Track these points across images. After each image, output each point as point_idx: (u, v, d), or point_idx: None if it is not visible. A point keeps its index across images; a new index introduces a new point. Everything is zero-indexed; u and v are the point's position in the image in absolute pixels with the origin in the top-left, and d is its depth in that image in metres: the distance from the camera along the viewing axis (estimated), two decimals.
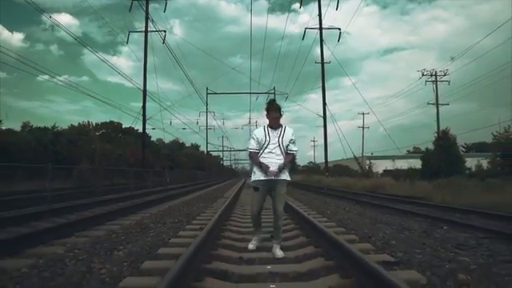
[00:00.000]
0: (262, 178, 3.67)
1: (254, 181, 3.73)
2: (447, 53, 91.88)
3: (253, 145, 3.75)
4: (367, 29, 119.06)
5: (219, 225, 5.09)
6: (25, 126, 39.96)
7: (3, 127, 33.27)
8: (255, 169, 3.75)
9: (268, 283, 2.71)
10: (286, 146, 3.73)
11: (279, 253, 3.58)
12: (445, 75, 35.83)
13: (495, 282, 2.61)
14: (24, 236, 4.27)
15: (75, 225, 5.40)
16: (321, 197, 14.09)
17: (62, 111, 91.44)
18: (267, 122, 3.81)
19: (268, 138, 3.69)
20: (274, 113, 3.72)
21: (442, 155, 26.88)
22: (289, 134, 3.74)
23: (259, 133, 3.77)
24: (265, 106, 3.83)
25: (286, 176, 3.73)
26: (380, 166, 41.52)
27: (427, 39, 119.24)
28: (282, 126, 3.77)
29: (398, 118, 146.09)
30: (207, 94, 43.81)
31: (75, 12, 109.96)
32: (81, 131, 42.07)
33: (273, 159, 3.66)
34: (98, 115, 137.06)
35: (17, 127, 35.62)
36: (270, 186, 3.70)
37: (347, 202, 11.77)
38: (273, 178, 3.63)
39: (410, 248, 3.83)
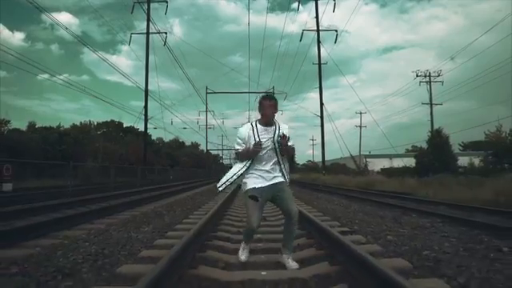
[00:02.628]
0: (258, 185, 2.96)
1: (249, 189, 2.99)
2: (446, 51, 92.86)
3: (238, 146, 3.04)
4: (366, 27, 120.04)
5: (221, 211, 6.25)
6: (31, 125, 41.34)
7: (10, 127, 34.64)
8: (246, 177, 3.04)
9: (256, 243, 3.85)
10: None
11: (293, 264, 2.94)
12: (438, 76, 36.97)
13: (410, 239, 3.78)
14: (67, 217, 5.45)
15: (103, 211, 6.58)
16: (314, 192, 15.22)
17: (62, 110, 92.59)
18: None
19: (258, 139, 2.91)
20: (267, 101, 2.99)
21: (435, 154, 27.98)
22: (284, 130, 2.98)
23: (244, 131, 3.01)
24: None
25: (282, 178, 3.05)
26: (378, 165, 42.42)
27: (426, 38, 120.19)
28: (275, 122, 3.04)
29: (398, 116, 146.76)
30: (207, 93, 44.80)
31: (75, 11, 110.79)
32: (82, 130, 43.40)
33: (266, 167, 2.99)
34: (96, 113, 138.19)
35: (22, 127, 36.86)
36: (269, 193, 3.01)
37: (338, 196, 12.87)
38: (270, 183, 2.99)
39: (368, 225, 4.98)
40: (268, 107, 2.96)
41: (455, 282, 2.34)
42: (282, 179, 3.04)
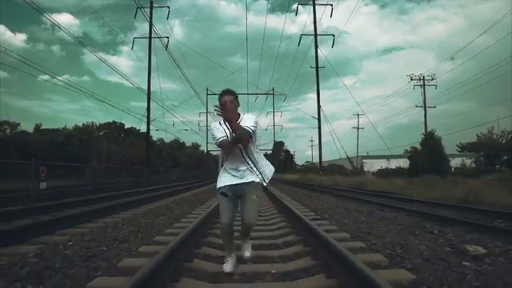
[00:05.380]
0: (229, 183, 3.03)
1: (221, 187, 3.06)
2: (446, 52, 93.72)
3: (219, 134, 2.99)
4: (366, 28, 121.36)
5: None
6: (37, 127, 42.79)
7: (18, 129, 36.08)
8: (220, 174, 3.15)
9: None
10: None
11: (246, 254, 3.29)
12: (432, 79, 38.24)
13: (362, 223, 5.11)
14: (97, 210, 6.81)
15: (123, 206, 7.92)
16: (308, 192, 16.45)
17: (62, 110, 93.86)
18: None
19: (228, 133, 2.97)
20: (227, 96, 3.00)
21: (428, 155, 29.23)
22: (246, 120, 2.97)
23: (217, 125, 3.08)
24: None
25: (255, 177, 3.03)
26: (376, 166, 43.58)
27: (426, 39, 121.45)
28: (239, 115, 3.03)
29: (398, 117, 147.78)
30: (207, 94, 46.10)
31: (76, 12, 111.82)
32: (85, 131, 44.77)
33: (236, 166, 3.03)
34: (97, 114, 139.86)
35: (23, 127, 38.25)
36: (239, 192, 3.05)
37: (328, 195, 14.06)
38: (240, 181, 3.02)
39: (337, 215, 6.31)
40: (229, 103, 2.94)
41: (369, 243, 3.69)
42: (251, 179, 3.01)
